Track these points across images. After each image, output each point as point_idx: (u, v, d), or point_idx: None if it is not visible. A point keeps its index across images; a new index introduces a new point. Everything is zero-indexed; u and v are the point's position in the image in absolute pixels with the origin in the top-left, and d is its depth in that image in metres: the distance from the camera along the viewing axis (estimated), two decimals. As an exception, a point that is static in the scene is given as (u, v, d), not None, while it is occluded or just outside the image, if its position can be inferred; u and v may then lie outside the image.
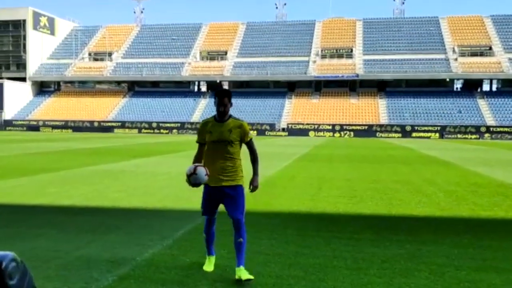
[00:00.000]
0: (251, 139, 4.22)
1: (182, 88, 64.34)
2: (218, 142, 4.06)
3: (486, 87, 59.54)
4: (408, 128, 51.26)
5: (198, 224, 5.81)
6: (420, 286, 3.87)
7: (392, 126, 52.10)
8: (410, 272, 4.22)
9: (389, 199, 8.35)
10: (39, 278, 3.92)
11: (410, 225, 6.29)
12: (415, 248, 5.00)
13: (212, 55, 65.32)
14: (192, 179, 3.94)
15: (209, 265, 4.22)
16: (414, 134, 50.58)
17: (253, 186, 4.22)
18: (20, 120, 59.91)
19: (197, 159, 4.20)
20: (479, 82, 59.11)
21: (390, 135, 51.13)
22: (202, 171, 3.93)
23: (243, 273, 3.96)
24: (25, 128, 57.99)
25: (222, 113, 4.11)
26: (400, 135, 50.82)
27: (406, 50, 60.76)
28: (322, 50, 62.71)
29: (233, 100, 4.30)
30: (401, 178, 11.68)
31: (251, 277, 3.94)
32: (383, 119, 53.81)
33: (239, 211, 4.05)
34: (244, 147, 4.22)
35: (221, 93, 4.11)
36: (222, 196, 4.07)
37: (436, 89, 57.67)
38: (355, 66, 59.60)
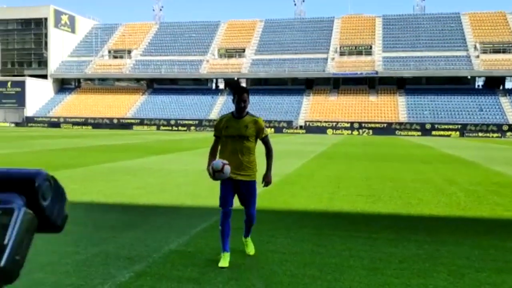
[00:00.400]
0: (266, 135, 4.39)
1: (200, 86, 64.66)
2: (235, 137, 4.24)
3: (508, 84, 58.37)
4: (428, 126, 50.50)
5: (214, 221, 5.81)
6: (439, 288, 3.79)
7: (411, 124, 51.40)
8: (429, 273, 4.14)
9: (408, 198, 8.24)
10: (58, 273, 3.97)
11: (429, 225, 6.19)
12: (434, 249, 4.91)
13: (230, 53, 65.38)
14: (217, 176, 4.10)
15: (224, 262, 4.24)
16: (434, 133, 49.84)
17: (266, 182, 4.50)
18: (42, 117, 60.99)
19: (213, 151, 4.46)
20: (501, 80, 57.90)
21: (410, 133, 50.48)
22: (228, 171, 4.08)
23: (249, 245, 4.55)
24: (46, 125, 59.01)
25: (241, 109, 4.25)
26: (419, 133, 50.11)
27: (427, 47, 59.82)
28: (340, 47, 62.19)
29: (251, 98, 4.54)
30: (421, 177, 11.51)
31: (252, 252, 4.52)
32: (403, 117, 53.14)
33: (253, 206, 4.39)
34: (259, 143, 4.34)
35: (240, 90, 4.26)
36: (237, 189, 4.32)
37: (457, 87, 56.68)
38: (374, 63, 58.96)
